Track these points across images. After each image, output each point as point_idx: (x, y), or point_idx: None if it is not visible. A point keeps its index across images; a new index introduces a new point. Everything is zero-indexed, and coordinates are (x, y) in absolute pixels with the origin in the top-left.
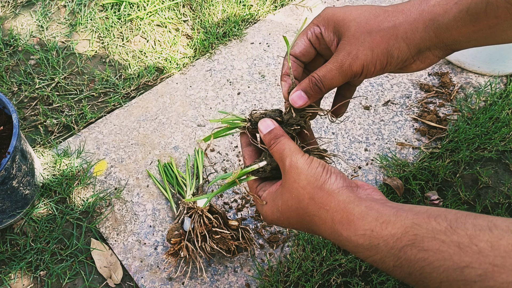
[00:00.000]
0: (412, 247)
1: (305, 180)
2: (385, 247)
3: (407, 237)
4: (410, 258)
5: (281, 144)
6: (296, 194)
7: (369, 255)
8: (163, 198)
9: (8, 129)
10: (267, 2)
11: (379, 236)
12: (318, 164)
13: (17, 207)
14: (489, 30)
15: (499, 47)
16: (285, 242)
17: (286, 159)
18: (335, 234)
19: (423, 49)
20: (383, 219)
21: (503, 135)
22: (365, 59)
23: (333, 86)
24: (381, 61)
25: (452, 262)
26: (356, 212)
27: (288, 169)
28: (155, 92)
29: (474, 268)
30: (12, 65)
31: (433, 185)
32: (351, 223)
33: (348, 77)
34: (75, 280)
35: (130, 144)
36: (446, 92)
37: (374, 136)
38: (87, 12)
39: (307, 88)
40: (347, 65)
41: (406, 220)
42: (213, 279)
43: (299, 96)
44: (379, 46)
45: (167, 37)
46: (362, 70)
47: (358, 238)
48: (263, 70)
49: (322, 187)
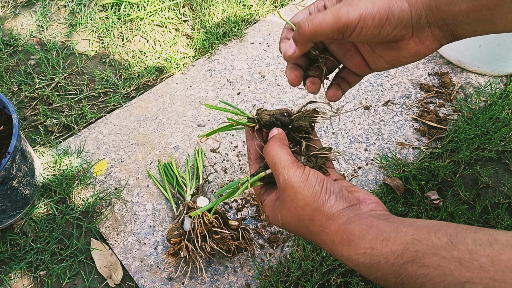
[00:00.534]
0: (413, 264)
1: (302, 201)
2: (385, 264)
3: (407, 254)
4: (411, 274)
5: (272, 156)
6: (295, 213)
7: (371, 273)
8: (163, 198)
9: (8, 129)
10: (267, 2)
11: (379, 254)
12: (315, 181)
13: (17, 207)
14: (489, 12)
15: (499, 47)
16: (285, 242)
17: (279, 175)
18: (336, 255)
19: (422, 21)
20: (383, 236)
21: (503, 135)
22: (365, 9)
23: (321, 29)
24: (380, 15)
25: (453, 278)
26: (356, 231)
27: (283, 187)
28: (155, 92)
29: (475, 283)
30: (12, 65)
31: (433, 185)
32: (352, 243)
33: (341, 25)
34: (75, 280)
35: (130, 144)
36: (446, 92)
37: (374, 136)
38: (87, 12)
39: (295, 33)
40: (344, 11)
41: (406, 236)
42: (213, 279)
43: (289, 44)
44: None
45: (167, 37)
46: (358, 21)
47: (359, 257)
48: (263, 70)
49: (321, 210)
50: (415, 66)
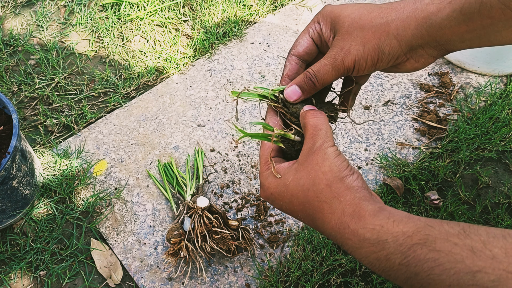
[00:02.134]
0: (423, 247)
1: (328, 166)
2: (393, 243)
3: (418, 236)
4: (419, 257)
5: (320, 122)
6: (313, 176)
7: (374, 250)
8: (163, 198)
9: (8, 129)
10: (267, 2)
11: (388, 232)
12: (345, 159)
13: (17, 207)
14: (483, 31)
15: (499, 47)
16: (285, 242)
17: (319, 139)
18: (341, 226)
19: (415, 47)
20: (394, 218)
21: (503, 135)
22: (357, 54)
23: (327, 81)
24: (372, 56)
25: (464, 266)
26: (369, 209)
27: (316, 150)
28: (155, 92)
29: (487, 274)
30: (12, 65)
31: (433, 185)
32: (362, 218)
33: (341, 72)
34: (75, 280)
35: (130, 144)
36: (446, 92)
37: (374, 136)
38: (87, 12)
39: (301, 82)
40: (339, 60)
41: (418, 221)
42: (213, 279)
43: (293, 91)
44: (370, 41)
45: (167, 37)
46: (354, 65)
47: (366, 232)
48: (263, 70)
49: (343, 180)
50: None
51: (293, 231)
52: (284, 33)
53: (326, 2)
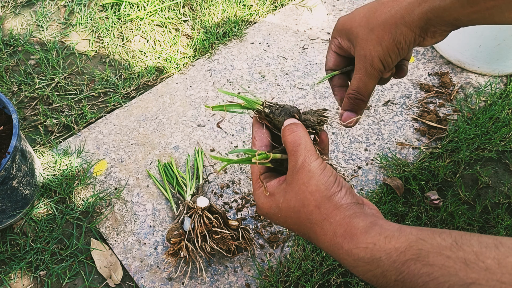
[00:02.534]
0: (416, 262)
1: (314, 186)
2: (387, 260)
3: (411, 251)
4: (413, 272)
5: (298, 137)
6: (302, 198)
7: (370, 269)
8: (163, 198)
9: (8, 129)
10: (267, 2)
11: (381, 250)
12: (331, 173)
13: (17, 207)
14: (487, 12)
15: (499, 47)
16: (285, 242)
17: (299, 156)
18: (335, 247)
19: (425, 27)
20: (386, 234)
21: (503, 135)
22: (379, 54)
23: (370, 90)
24: (392, 50)
25: (458, 278)
26: (360, 226)
27: (300, 169)
28: (155, 92)
29: (481, 285)
30: (12, 65)
31: (433, 185)
32: (354, 237)
33: (376, 76)
34: (75, 280)
35: (130, 144)
36: (446, 92)
37: (374, 136)
38: (87, 12)
39: (350, 106)
40: (369, 67)
41: (410, 235)
42: (213, 279)
43: (349, 115)
44: (384, 38)
45: (167, 37)
46: (382, 64)
47: (360, 251)
48: (263, 70)
49: (331, 199)
50: (415, 66)
51: None
52: (284, 33)
53: (326, 3)
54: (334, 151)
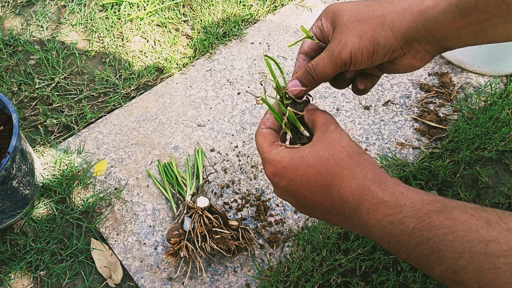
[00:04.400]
0: (440, 214)
1: (346, 142)
2: (411, 207)
3: (436, 204)
4: (434, 222)
5: (329, 115)
6: (332, 148)
7: (389, 213)
8: (163, 198)
9: (8, 129)
10: (267, 2)
11: (407, 198)
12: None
13: (17, 207)
14: (479, 26)
15: (499, 47)
16: (285, 242)
17: (331, 125)
18: (361, 188)
19: (411, 40)
20: (414, 189)
21: (503, 135)
22: (353, 46)
23: (325, 75)
24: (367, 48)
25: (478, 235)
26: (390, 178)
27: (331, 131)
28: (155, 92)
29: (500, 243)
30: (12, 65)
31: (433, 185)
32: (383, 183)
33: (338, 65)
34: (75, 280)
35: (130, 144)
36: (446, 92)
37: (374, 136)
38: (87, 12)
39: (301, 76)
40: (336, 52)
41: (437, 196)
42: (213, 279)
43: (294, 84)
44: (366, 33)
45: (167, 37)
46: (350, 57)
47: (385, 195)
48: (263, 70)
49: (362, 154)
50: None
51: (293, 231)
52: (284, 33)
53: (326, 2)
54: None
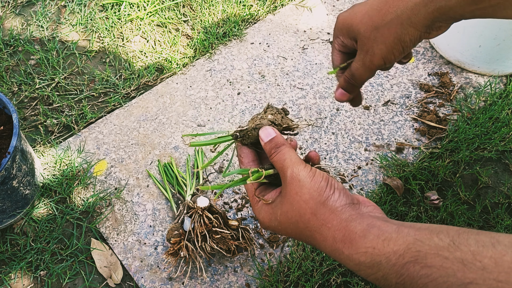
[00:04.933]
0: (415, 264)
1: (307, 194)
2: (387, 264)
3: (409, 254)
4: (413, 274)
5: (282, 154)
6: (297, 207)
7: (371, 272)
8: (163, 198)
9: (8, 129)
10: (267, 2)
11: (381, 254)
12: (322, 177)
13: (17, 207)
14: (491, 8)
15: (499, 47)
16: (285, 242)
17: (287, 169)
18: (336, 252)
19: (431, 24)
20: (384, 236)
21: (503, 135)
22: (381, 53)
23: (363, 79)
24: (397, 49)
25: (456, 279)
26: (358, 230)
27: (290, 181)
28: (155, 92)
29: (478, 285)
30: (12, 65)
31: (433, 185)
32: (353, 242)
33: (373, 69)
34: (75, 280)
35: (130, 144)
36: (446, 92)
37: (374, 136)
38: (87, 12)
39: (343, 85)
40: (368, 62)
41: (408, 237)
42: (213, 279)
43: (341, 93)
44: (389, 38)
45: (167, 37)
46: (383, 61)
47: (360, 256)
48: (263, 70)
49: (325, 204)
50: (415, 66)
51: None
52: (284, 33)
53: (326, 3)
54: (334, 151)
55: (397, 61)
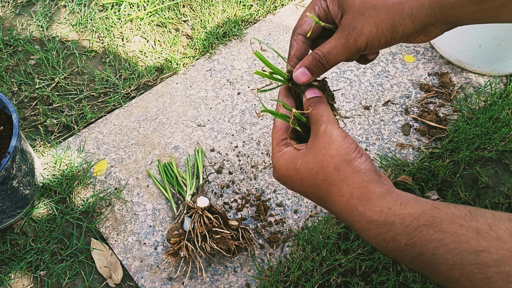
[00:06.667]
0: (429, 228)
1: (335, 150)
2: (400, 224)
3: (425, 218)
4: (425, 237)
5: (321, 110)
6: (321, 159)
7: (381, 232)
8: (163, 198)
9: (8, 129)
10: (267, 2)
11: (395, 214)
12: (352, 141)
13: (17, 207)
14: (494, 10)
15: (499, 47)
16: (285, 242)
17: (322, 124)
18: (349, 208)
19: (427, 25)
20: (402, 200)
21: (503, 135)
22: (370, 34)
23: (337, 62)
24: (385, 36)
25: (469, 246)
26: (377, 191)
27: (322, 134)
28: (155, 92)
29: (490, 253)
30: (12, 65)
31: (433, 185)
32: (370, 200)
33: (352, 52)
34: (75, 280)
35: (130, 144)
36: (446, 92)
37: (374, 136)
38: (87, 12)
39: (310, 65)
40: (352, 41)
41: (426, 204)
42: (213, 279)
43: (302, 73)
44: (384, 22)
45: (167, 37)
46: (366, 45)
47: (374, 214)
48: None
49: (351, 163)
50: (415, 66)
51: (293, 231)
52: (284, 33)
53: None
54: None
55: (369, 54)
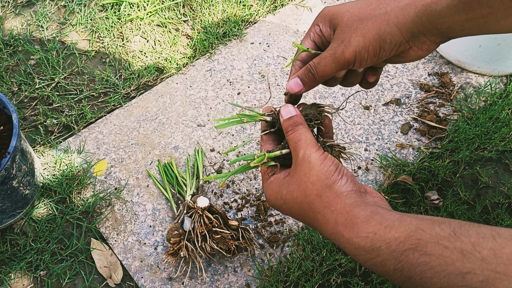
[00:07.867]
0: (415, 251)
1: (315, 176)
2: (387, 249)
3: (410, 241)
4: (411, 261)
5: (298, 134)
6: (303, 188)
7: (370, 257)
8: (163, 198)
9: (8, 129)
10: (267, 2)
11: (381, 239)
12: (332, 162)
13: (17, 207)
14: (482, 20)
15: (499, 47)
16: (285, 242)
17: (300, 150)
18: (337, 235)
19: (416, 34)
20: (387, 223)
21: (503, 135)
22: (357, 45)
23: (326, 73)
24: (373, 46)
25: (454, 268)
26: (361, 215)
27: (301, 161)
28: (155, 92)
29: (476, 275)
30: (12, 65)
31: (433, 185)
32: (354, 226)
33: (341, 64)
34: (75, 280)
35: (130, 144)
36: (446, 92)
37: (374, 136)
38: (87, 12)
39: (302, 75)
40: (339, 52)
41: (410, 225)
42: (213, 279)
43: (295, 82)
44: (371, 32)
45: (167, 37)
46: (355, 57)
47: (360, 240)
48: (263, 70)
49: (331, 187)
50: (415, 66)
51: (293, 231)
52: (284, 33)
53: (326, 2)
54: None
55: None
